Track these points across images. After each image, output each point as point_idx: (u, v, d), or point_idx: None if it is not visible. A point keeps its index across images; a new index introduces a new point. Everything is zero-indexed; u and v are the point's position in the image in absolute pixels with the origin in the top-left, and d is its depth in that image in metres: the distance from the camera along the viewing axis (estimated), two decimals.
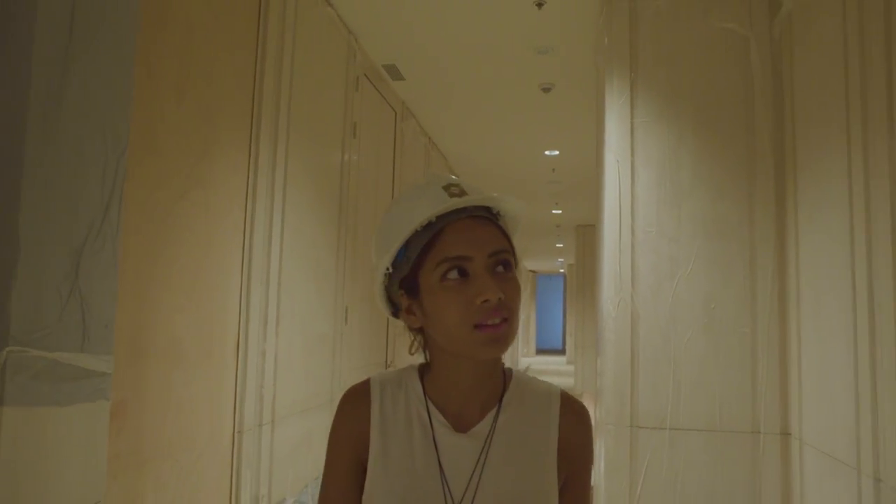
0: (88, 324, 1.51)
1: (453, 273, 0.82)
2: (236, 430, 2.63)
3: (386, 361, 4.66)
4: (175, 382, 2.19)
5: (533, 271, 23.57)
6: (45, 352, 1.31)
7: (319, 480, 0.93)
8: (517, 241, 0.93)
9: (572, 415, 0.92)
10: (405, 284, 0.87)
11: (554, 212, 10.09)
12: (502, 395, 0.91)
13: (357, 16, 3.60)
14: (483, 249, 0.82)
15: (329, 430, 0.93)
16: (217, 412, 2.51)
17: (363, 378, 0.97)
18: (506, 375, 0.94)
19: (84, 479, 1.40)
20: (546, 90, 4.65)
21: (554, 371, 17.48)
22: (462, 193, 0.85)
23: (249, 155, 2.71)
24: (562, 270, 22.21)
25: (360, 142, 3.94)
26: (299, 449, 3.16)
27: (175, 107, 2.16)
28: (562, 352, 22.72)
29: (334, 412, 0.93)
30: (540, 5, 3.44)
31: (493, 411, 0.89)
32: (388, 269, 0.87)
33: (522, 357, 20.04)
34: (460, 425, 0.88)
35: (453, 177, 0.89)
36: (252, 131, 2.73)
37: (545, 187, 8.12)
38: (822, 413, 2.43)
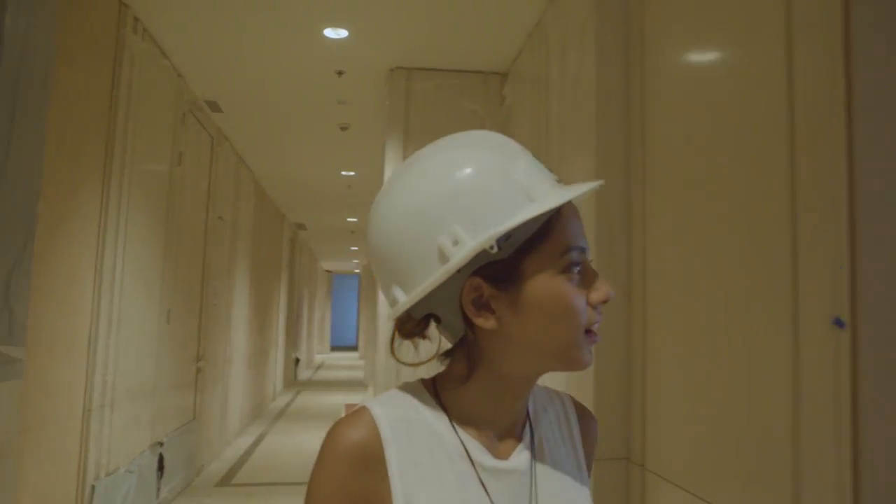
0: (13, 324, 2.25)
1: (575, 266, 0.66)
2: (85, 409, 3.27)
3: (198, 354, 5.33)
4: (44, 369, 2.84)
5: (329, 271, 24.49)
6: None
7: (148, 452, 1.06)
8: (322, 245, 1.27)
9: (588, 418, 0.83)
10: (491, 272, 0.66)
11: (349, 220, 11.17)
12: (527, 409, 0.77)
13: (186, 62, 4.31)
14: (586, 241, 0.69)
15: (310, 480, 0.68)
16: (73, 394, 3.15)
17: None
18: None
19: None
20: (344, 129, 5.69)
21: (347, 366, 18.59)
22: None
23: (102, 193, 3.36)
24: (357, 271, 23.39)
25: (183, 168, 4.63)
26: (129, 427, 3.82)
27: (55, 155, 2.81)
28: (355, 348, 23.90)
29: (319, 465, 0.67)
30: (340, 73, 4.46)
31: (527, 428, 0.75)
32: (493, 247, 0.63)
33: (317, 354, 20.84)
34: (500, 451, 0.72)
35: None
36: (105, 171, 3.38)
37: (342, 200, 9.16)
38: None
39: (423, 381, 0.75)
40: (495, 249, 0.63)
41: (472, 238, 0.63)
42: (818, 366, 1.33)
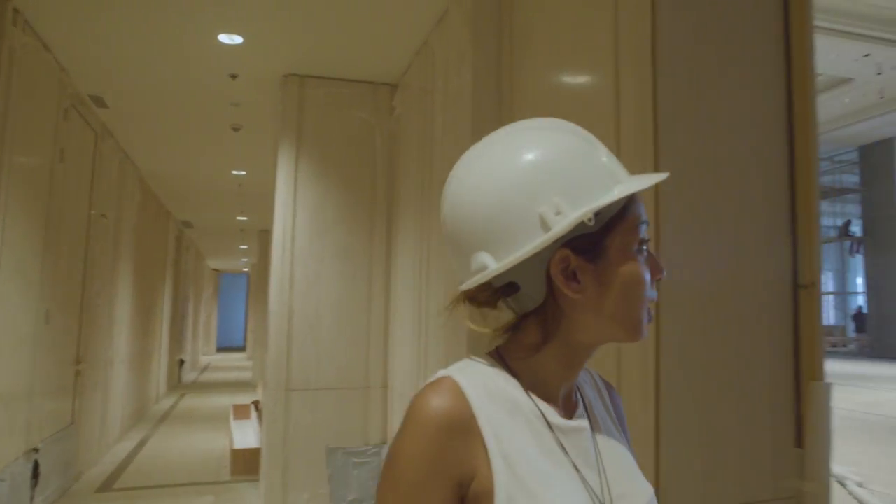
0: None
1: (644, 243, 0.73)
2: None
3: (78, 356, 5.17)
4: None
5: (216, 270, 23.65)
6: None
7: (21, 460, 1.11)
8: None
9: (614, 391, 0.91)
10: (579, 244, 0.72)
11: (239, 218, 10.99)
12: None
13: (70, 56, 4.21)
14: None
15: (396, 449, 0.70)
16: None
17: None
18: None
19: None
20: (236, 129, 5.70)
21: (234, 367, 18.11)
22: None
23: None
24: (245, 269, 22.79)
25: (65, 164, 4.50)
26: (1, 434, 3.70)
27: None
28: (243, 348, 23.27)
29: (409, 433, 0.70)
30: (234, 77, 4.52)
31: (577, 391, 0.82)
32: (591, 220, 0.70)
33: (203, 356, 20.12)
34: (565, 413, 0.78)
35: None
36: None
37: (232, 199, 9.04)
38: (403, 369, 4.03)
39: (489, 352, 0.80)
40: (592, 222, 0.70)
41: (572, 210, 0.70)
42: (632, 356, 1.67)
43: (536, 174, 0.72)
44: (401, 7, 3.52)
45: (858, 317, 18.78)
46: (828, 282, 20.69)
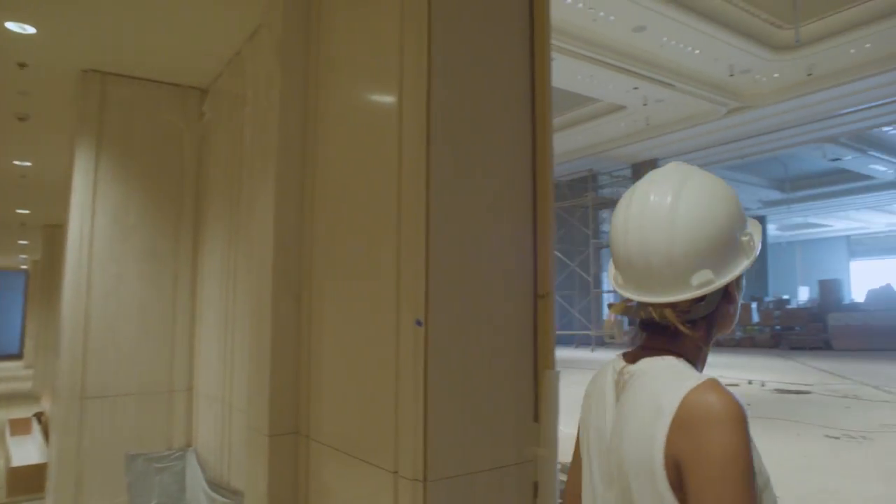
0: None
1: None
2: None
3: None
4: None
5: None
6: None
7: None
8: None
9: None
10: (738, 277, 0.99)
11: (19, 211, 9.89)
12: None
13: None
14: None
15: (737, 449, 0.83)
16: None
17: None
18: None
19: None
20: (22, 119, 5.26)
21: (9, 377, 16.04)
22: None
23: None
24: (24, 267, 20.24)
25: None
26: None
27: None
28: (20, 356, 20.62)
29: (731, 428, 0.83)
30: (22, 66, 4.22)
31: None
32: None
33: None
34: None
35: None
36: None
37: (13, 190, 8.16)
38: (209, 371, 4.09)
39: (661, 356, 1.00)
40: (759, 249, 0.98)
41: (755, 237, 0.97)
42: (408, 351, 2.02)
43: (737, 207, 0.97)
44: (213, 15, 3.61)
45: None
46: (610, 281, 23.53)
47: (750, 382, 10.39)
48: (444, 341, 1.99)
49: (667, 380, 0.94)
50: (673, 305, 0.96)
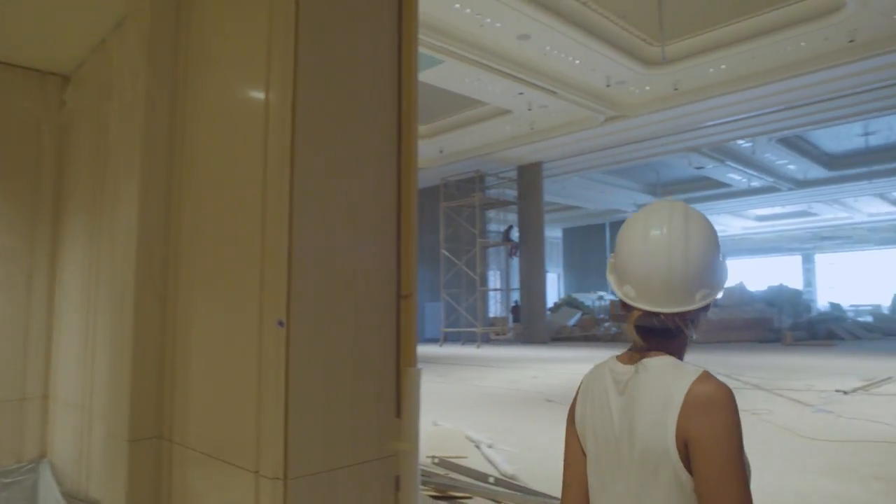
0: None
1: None
2: None
3: None
4: None
5: None
6: None
7: None
8: None
9: None
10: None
11: None
12: None
13: None
14: None
15: (734, 426, 1.07)
16: None
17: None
18: None
19: None
20: None
21: None
22: None
23: None
24: None
25: None
26: None
27: None
28: None
29: (731, 409, 1.09)
30: None
31: None
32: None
33: None
34: None
35: None
36: None
37: None
38: (68, 376, 3.86)
39: (659, 357, 1.21)
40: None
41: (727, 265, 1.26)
42: (270, 351, 2.05)
43: (719, 239, 1.25)
44: None
45: (515, 309, 22.42)
46: (495, 280, 24.22)
47: None
48: (306, 341, 2.03)
49: (671, 375, 1.16)
50: (680, 314, 1.21)
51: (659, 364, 1.19)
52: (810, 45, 11.87)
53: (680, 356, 1.24)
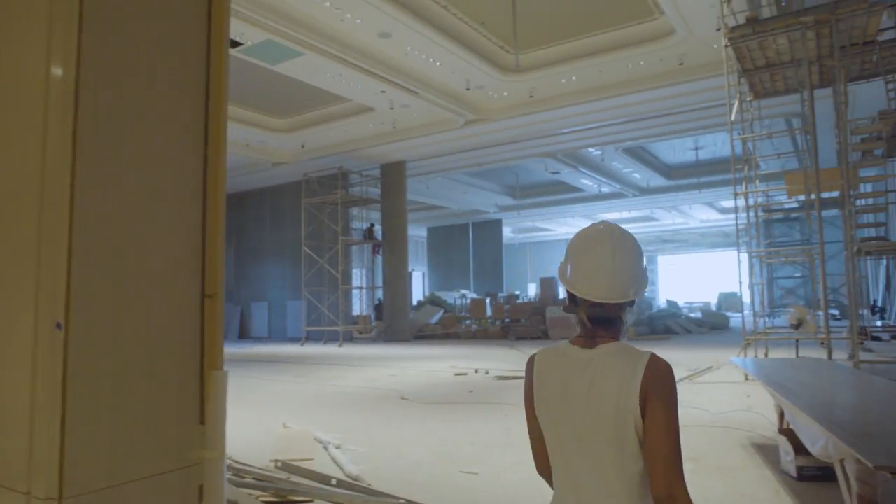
0: None
1: None
2: None
3: None
4: None
5: None
6: None
7: None
8: None
9: None
10: None
11: None
12: None
13: None
14: None
15: (675, 388, 1.50)
16: None
17: None
18: None
19: None
20: None
21: None
22: None
23: None
24: None
25: None
26: None
27: None
28: None
29: (673, 378, 1.51)
30: None
31: None
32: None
33: None
34: None
35: None
36: None
37: None
38: None
39: (614, 340, 1.59)
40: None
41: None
42: (46, 357, 1.84)
43: (642, 251, 1.67)
44: None
45: (378, 307, 22.39)
46: (360, 278, 24.03)
47: (476, 371, 11.43)
48: (90, 345, 1.85)
49: (629, 354, 1.54)
50: (620, 305, 1.59)
51: (614, 347, 1.57)
52: (648, 65, 12.91)
53: (620, 339, 1.62)
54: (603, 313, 1.56)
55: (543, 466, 1.70)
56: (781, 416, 5.06)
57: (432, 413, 7.47)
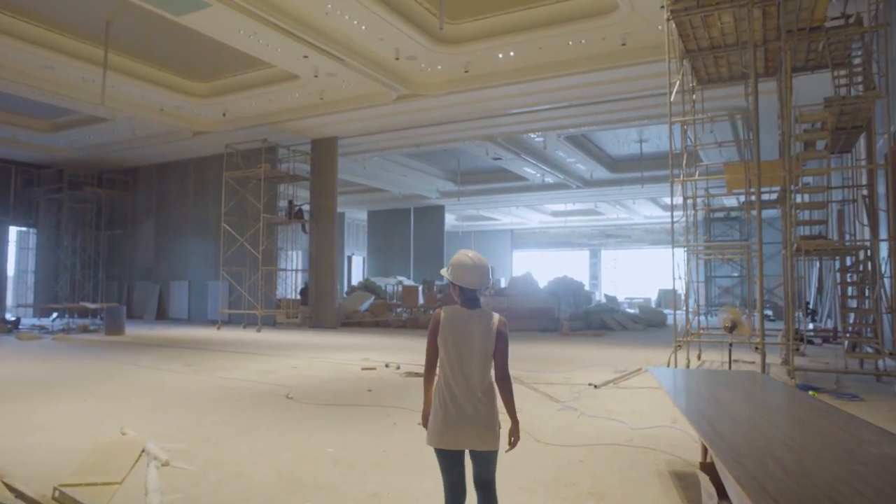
0: None
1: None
2: None
3: None
4: None
5: None
6: None
7: None
8: None
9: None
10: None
11: None
12: None
13: None
14: None
15: (507, 332, 3.10)
16: None
17: None
18: None
19: None
20: None
21: None
22: None
23: None
24: None
25: None
26: None
27: None
28: None
29: (506, 328, 3.10)
30: None
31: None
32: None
33: None
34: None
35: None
36: None
37: None
38: None
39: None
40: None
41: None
42: None
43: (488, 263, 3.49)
44: None
45: (304, 292, 21.08)
46: (289, 259, 22.66)
47: (387, 366, 10.45)
48: None
49: (489, 315, 3.04)
50: (479, 291, 3.12)
51: (481, 311, 3.03)
52: (590, 44, 12.08)
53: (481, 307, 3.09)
54: (472, 295, 3.06)
55: (430, 368, 3.13)
56: (705, 449, 4.24)
57: (311, 417, 6.45)
